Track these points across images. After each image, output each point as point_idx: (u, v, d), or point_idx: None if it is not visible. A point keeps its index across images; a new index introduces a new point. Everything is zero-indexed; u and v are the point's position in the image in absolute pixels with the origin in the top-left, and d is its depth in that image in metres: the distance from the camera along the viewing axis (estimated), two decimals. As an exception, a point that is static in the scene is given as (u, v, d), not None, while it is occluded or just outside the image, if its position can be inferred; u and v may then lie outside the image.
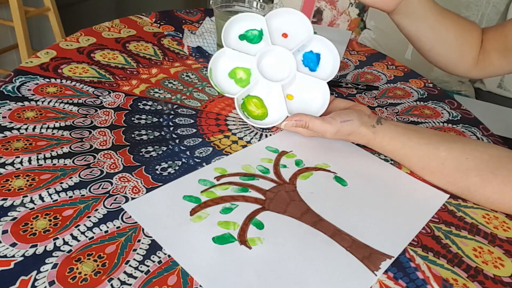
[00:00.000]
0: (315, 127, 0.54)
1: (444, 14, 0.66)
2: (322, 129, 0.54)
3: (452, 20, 0.66)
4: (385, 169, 0.56)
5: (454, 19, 0.67)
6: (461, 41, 0.67)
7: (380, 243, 0.45)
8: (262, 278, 0.39)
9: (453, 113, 0.73)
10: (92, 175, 0.47)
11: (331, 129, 0.54)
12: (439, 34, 0.66)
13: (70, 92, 0.60)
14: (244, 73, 0.60)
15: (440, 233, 0.48)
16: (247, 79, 0.60)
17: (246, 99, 0.59)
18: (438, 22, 0.65)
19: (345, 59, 0.87)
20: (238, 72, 0.60)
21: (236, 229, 0.43)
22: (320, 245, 0.43)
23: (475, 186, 0.51)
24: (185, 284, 0.37)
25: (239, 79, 0.60)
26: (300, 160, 0.55)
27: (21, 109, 0.54)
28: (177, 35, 0.83)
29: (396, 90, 0.79)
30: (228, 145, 0.56)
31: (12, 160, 0.47)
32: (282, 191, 0.49)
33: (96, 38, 0.75)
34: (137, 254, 0.39)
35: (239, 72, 0.60)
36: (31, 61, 0.64)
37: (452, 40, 0.67)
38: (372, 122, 0.55)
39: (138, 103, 0.61)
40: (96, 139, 0.52)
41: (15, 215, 0.41)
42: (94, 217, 0.42)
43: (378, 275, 0.41)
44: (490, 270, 0.44)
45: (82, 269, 0.37)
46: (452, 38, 0.67)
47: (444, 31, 0.66)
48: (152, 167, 0.50)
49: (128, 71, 0.68)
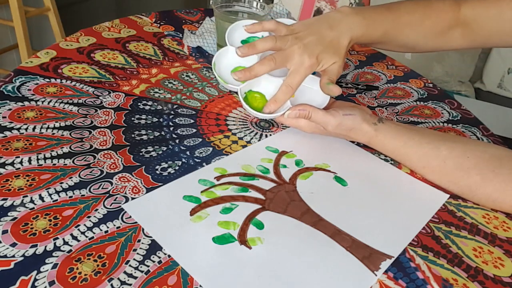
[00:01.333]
0: (318, 118, 0.54)
1: (413, 12, 0.63)
2: (324, 120, 0.54)
3: (423, 13, 0.63)
4: (385, 169, 0.56)
5: (422, 11, 0.64)
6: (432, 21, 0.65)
7: (380, 243, 0.45)
8: (262, 278, 0.39)
9: (453, 113, 0.73)
10: (92, 175, 0.47)
11: (333, 121, 0.54)
12: (418, 34, 0.65)
13: (70, 92, 0.60)
14: None
15: (440, 233, 0.48)
16: None
17: (249, 94, 0.59)
18: (411, 25, 0.63)
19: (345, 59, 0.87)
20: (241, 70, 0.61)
21: (236, 229, 0.43)
22: (320, 245, 0.43)
23: (476, 185, 0.51)
24: (185, 284, 0.37)
25: None
26: (300, 160, 0.55)
27: (21, 109, 0.54)
28: (177, 35, 0.83)
29: (396, 90, 0.79)
30: (228, 145, 0.56)
31: (12, 160, 0.47)
32: (282, 191, 0.49)
33: (96, 38, 0.75)
34: (137, 254, 0.39)
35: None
36: (31, 61, 0.64)
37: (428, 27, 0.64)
38: (373, 120, 0.55)
39: (138, 103, 0.61)
40: (96, 139, 0.52)
41: (15, 215, 0.41)
42: (94, 217, 0.42)
43: (378, 275, 0.41)
44: (490, 270, 0.44)
45: (82, 269, 0.37)
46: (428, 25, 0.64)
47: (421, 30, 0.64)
48: (152, 167, 0.50)
49: (128, 71, 0.68)
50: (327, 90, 0.56)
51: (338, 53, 0.56)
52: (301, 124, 0.57)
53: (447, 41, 0.65)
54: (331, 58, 0.56)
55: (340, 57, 0.56)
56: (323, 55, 0.55)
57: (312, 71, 0.55)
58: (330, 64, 0.56)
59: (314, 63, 0.55)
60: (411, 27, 0.63)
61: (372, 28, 0.59)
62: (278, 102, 0.55)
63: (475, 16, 0.61)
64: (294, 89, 0.55)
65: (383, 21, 0.60)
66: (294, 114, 0.55)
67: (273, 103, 0.54)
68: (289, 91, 0.54)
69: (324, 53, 0.55)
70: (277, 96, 0.55)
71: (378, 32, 0.60)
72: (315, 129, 0.57)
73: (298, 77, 0.54)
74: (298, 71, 0.54)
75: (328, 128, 0.55)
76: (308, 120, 0.56)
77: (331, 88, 0.56)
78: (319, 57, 0.55)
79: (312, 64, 0.54)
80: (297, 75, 0.54)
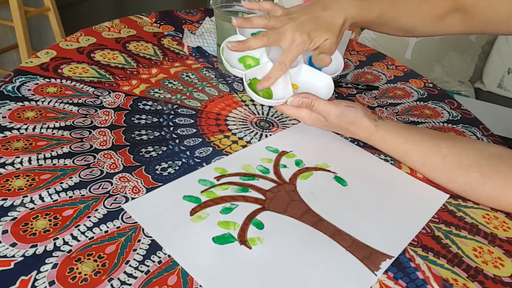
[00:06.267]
0: (320, 107, 0.55)
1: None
2: (327, 109, 0.55)
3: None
4: (385, 169, 0.56)
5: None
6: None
7: (380, 243, 0.45)
8: (262, 278, 0.39)
9: (453, 113, 0.73)
10: (92, 175, 0.47)
11: (335, 110, 0.54)
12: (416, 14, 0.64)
13: (70, 92, 0.60)
14: (253, 61, 0.61)
15: (440, 233, 0.48)
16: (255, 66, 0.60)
17: (253, 82, 0.59)
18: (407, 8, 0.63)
19: (345, 59, 0.87)
20: (248, 59, 0.61)
21: (236, 229, 0.43)
22: (320, 245, 0.43)
23: (476, 183, 0.51)
24: (185, 284, 0.37)
25: (248, 65, 0.60)
26: (300, 160, 0.55)
27: (21, 109, 0.54)
28: (177, 35, 0.83)
29: (396, 90, 0.79)
30: (228, 145, 0.56)
31: (12, 160, 0.47)
32: (282, 191, 0.49)
33: (96, 38, 0.75)
34: (137, 254, 0.39)
35: (248, 59, 0.61)
36: (31, 61, 0.64)
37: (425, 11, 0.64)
38: (374, 116, 0.56)
39: (138, 103, 0.61)
40: (96, 139, 0.52)
41: (15, 215, 0.41)
42: (94, 217, 0.42)
43: (378, 275, 0.41)
44: (490, 270, 0.44)
45: (82, 269, 0.37)
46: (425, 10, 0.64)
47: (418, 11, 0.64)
48: (152, 167, 0.50)
49: (128, 71, 0.68)
50: (318, 60, 0.56)
51: (331, 30, 0.57)
52: (302, 114, 0.57)
53: (445, 27, 0.65)
54: (323, 35, 0.56)
55: (333, 34, 0.57)
56: (315, 32, 0.56)
57: (304, 48, 0.56)
58: (323, 41, 0.56)
59: (306, 40, 0.55)
60: (408, 10, 0.63)
61: (368, 9, 0.60)
62: (271, 79, 0.55)
63: (473, 3, 0.62)
64: (287, 66, 0.55)
65: (379, 3, 0.61)
66: (297, 102, 0.55)
67: (266, 81, 0.55)
68: (282, 68, 0.55)
69: (316, 30, 0.56)
70: (270, 73, 0.55)
71: (373, 13, 0.61)
72: (315, 121, 0.57)
73: (291, 54, 0.55)
74: (290, 48, 0.55)
75: (330, 117, 0.55)
76: (310, 111, 0.56)
77: (322, 57, 0.56)
78: (311, 35, 0.55)
79: (303, 41, 0.55)
80: (289, 52, 0.55)
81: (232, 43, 0.55)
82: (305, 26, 0.55)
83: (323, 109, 0.55)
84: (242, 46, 0.55)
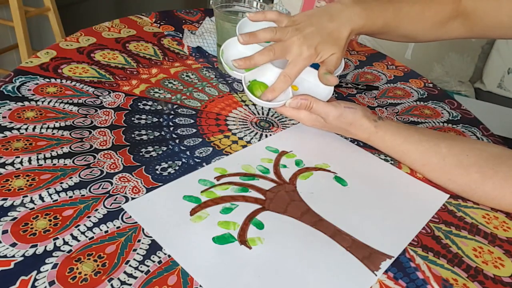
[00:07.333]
0: (319, 108, 0.55)
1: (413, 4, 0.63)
2: (326, 111, 0.55)
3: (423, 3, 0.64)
4: (385, 169, 0.56)
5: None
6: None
7: (380, 243, 0.45)
8: (262, 278, 0.39)
9: (453, 113, 0.73)
10: (92, 175, 0.47)
11: (334, 111, 0.54)
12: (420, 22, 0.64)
13: (70, 92, 0.60)
14: None
15: (440, 233, 0.48)
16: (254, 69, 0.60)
17: (253, 84, 0.59)
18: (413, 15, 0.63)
19: (345, 59, 0.87)
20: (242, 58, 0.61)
21: (236, 229, 0.43)
22: (320, 245, 0.43)
23: (476, 183, 0.51)
24: (185, 284, 0.37)
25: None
26: (300, 160, 0.55)
27: (21, 109, 0.54)
28: (177, 35, 0.83)
29: (396, 90, 0.79)
30: (228, 145, 0.56)
31: (12, 160, 0.47)
32: (282, 191, 0.49)
33: (96, 38, 0.75)
34: (137, 254, 0.39)
35: None
36: (31, 61, 0.64)
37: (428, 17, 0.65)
38: (373, 117, 0.56)
39: (138, 103, 0.61)
40: (96, 139, 0.52)
41: (15, 215, 0.41)
42: (94, 217, 0.42)
43: (378, 275, 0.41)
44: (490, 270, 0.44)
45: (82, 269, 0.37)
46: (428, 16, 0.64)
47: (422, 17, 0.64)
48: (152, 167, 0.50)
49: (128, 71, 0.68)
50: (324, 80, 0.56)
51: (337, 44, 0.56)
52: (301, 116, 0.57)
53: (447, 32, 0.65)
54: (330, 49, 0.56)
55: (339, 49, 0.57)
56: (322, 46, 0.55)
57: (310, 62, 0.56)
58: (329, 55, 0.56)
59: (313, 54, 0.55)
60: (411, 18, 0.63)
61: (373, 19, 0.59)
62: (275, 91, 0.55)
63: (475, 8, 0.62)
64: (292, 79, 0.55)
65: (383, 12, 0.61)
66: (295, 103, 0.55)
67: (270, 92, 0.55)
68: (287, 81, 0.55)
69: (323, 44, 0.55)
70: (275, 85, 0.55)
71: (378, 23, 0.61)
72: (315, 122, 0.57)
73: (296, 67, 0.55)
74: (297, 62, 0.55)
75: (329, 118, 0.55)
76: (309, 112, 0.56)
77: (328, 78, 0.56)
78: (318, 48, 0.55)
79: (310, 55, 0.55)
80: (295, 66, 0.55)
81: (238, 61, 0.54)
82: (312, 39, 0.55)
83: (322, 110, 0.55)
84: (249, 63, 0.54)
